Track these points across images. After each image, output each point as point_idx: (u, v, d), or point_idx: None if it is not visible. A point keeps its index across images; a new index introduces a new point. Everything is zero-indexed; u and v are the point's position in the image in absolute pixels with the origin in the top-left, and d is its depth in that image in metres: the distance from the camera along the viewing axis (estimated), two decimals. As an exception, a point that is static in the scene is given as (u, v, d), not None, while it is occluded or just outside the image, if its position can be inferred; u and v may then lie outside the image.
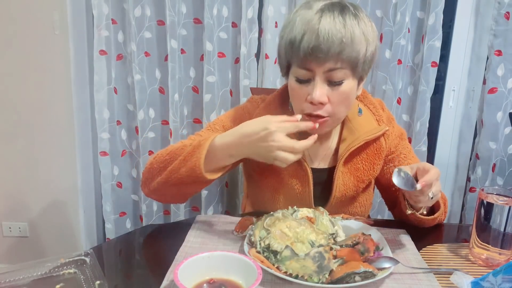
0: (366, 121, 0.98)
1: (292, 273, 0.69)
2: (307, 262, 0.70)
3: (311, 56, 0.80)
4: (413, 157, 1.04)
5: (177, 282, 0.59)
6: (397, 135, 1.03)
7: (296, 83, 0.86)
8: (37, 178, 1.83)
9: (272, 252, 0.73)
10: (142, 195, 1.74)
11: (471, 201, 1.67)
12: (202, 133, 0.99)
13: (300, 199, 0.98)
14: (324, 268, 0.69)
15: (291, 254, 0.71)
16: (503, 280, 0.62)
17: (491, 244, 0.79)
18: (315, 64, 0.81)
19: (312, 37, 0.79)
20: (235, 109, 1.04)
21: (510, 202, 0.78)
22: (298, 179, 0.97)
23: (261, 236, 0.77)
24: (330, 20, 0.79)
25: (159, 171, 0.88)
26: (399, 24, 1.50)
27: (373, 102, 1.02)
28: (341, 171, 0.97)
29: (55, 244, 1.91)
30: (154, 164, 0.90)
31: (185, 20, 1.60)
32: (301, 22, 0.81)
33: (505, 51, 1.50)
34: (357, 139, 0.96)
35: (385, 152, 1.00)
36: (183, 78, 1.66)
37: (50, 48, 1.68)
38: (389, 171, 1.02)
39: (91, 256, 0.74)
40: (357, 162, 0.98)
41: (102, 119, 1.67)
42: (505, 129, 1.57)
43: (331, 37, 0.78)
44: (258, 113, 0.96)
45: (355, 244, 0.80)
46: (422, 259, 0.81)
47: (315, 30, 0.79)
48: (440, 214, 0.92)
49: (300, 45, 0.80)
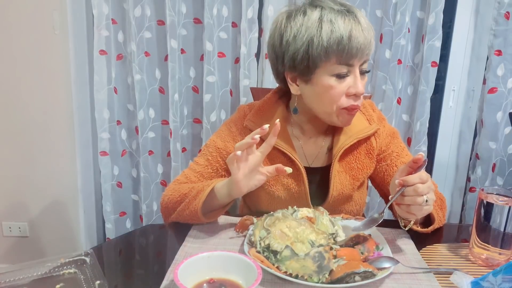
0: (358, 120, 1.00)
1: (292, 273, 0.69)
2: (307, 262, 0.69)
3: (359, 50, 0.84)
4: (407, 155, 1.05)
5: (177, 282, 0.59)
6: (388, 133, 1.04)
7: (336, 80, 0.88)
8: (37, 178, 1.83)
9: (272, 252, 0.73)
10: (142, 195, 1.74)
11: (471, 201, 1.67)
12: (199, 160, 1.02)
13: (297, 198, 1.00)
14: (324, 268, 0.69)
15: (291, 254, 0.71)
16: (503, 280, 0.62)
17: (491, 244, 0.79)
18: (358, 59, 0.86)
19: (359, 32, 0.84)
20: (223, 126, 1.06)
21: (510, 202, 0.78)
22: (293, 178, 0.99)
23: (261, 236, 0.77)
24: (363, 18, 0.86)
25: (172, 210, 0.94)
26: (399, 24, 1.50)
27: (363, 102, 1.04)
28: (337, 170, 0.99)
29: (55, 244, 1.91)
30: (169, 203, 0.95)
31: (185, 20, 1.60)
32: (339, 20, 0.84)
33: (505, 51, 1.50)
34: (349, 137, 0.98)
35: (376, 151, 1.02)
36: (183, 78, 1.66)
37: (50, 48, 1.68)
38: (382, 170, 1.04)
39: (91, 256, 0.74)
40: (350, 161, 1.01)
41: (102, 119, 1.67)
42: (505, 129, 1.57)
43: (370, 32, 0.86)
44: (249, 119, 1.00)
45: (355, 244, 0.80)
46: (422, 259, 0.81)
47: (358, 25, 0.84)
48: (437, 224, 0.91)
49: (350, 41, 0.83)
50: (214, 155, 1.00)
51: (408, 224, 0.86)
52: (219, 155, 1.00)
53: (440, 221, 0.93)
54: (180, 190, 0.93)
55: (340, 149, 0.97)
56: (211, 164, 1.00)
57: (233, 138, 1.01)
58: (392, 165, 1.03)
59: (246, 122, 1.00)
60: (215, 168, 1.00)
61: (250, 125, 1.00)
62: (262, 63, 1.59)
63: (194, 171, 1.00)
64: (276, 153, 0.98)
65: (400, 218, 0.87)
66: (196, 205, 0.85)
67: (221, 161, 1.00)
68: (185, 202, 0.88)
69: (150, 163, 1.73)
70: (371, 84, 1.62)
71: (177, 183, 0.99)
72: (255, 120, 1.00)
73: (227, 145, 1.00)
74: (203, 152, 1.03)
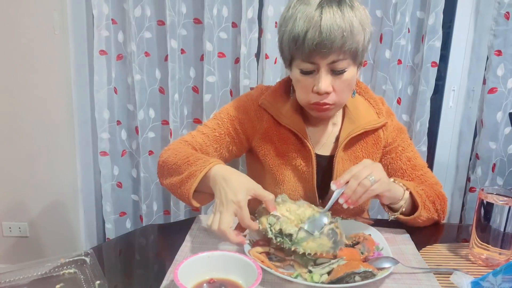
0: (367, 112, 1.03)
1: (310, 252, 0.71)
2: (323, 240, 0.71)
3: (315, 51, 0.84)
4: (412, 151, 1.07)
5: (177, 282, 0.59)
6: (395, 127, 1.07)
7: (301, 75, 0.90)
8: (37, 178, 1.83)
9: (286, 236, 0.74)
10: (142, 195, 1.74)
11: (471, 201, 1.66)
12: (209, 123, 1.04)
13: (304, 179, 1.02)
14: (339, 243, 0.71)
15: (306, 235, 0.72)
16: (503, 280, 0.62)
17: (491, 244, 0.80)
18: (319, 58, 0.85)
19: (316, 33, 0.82)
20: (240, 97, 1.09)
21: (510, 202, 0.78)
22: (303, 159, 1.01)
23: (270, 223, 0.77)
24: (331, 15, 0.82)
25: (167, 175, 0.94)
26: (399, 24, 1.50)
27: (374, 97, 1.07)
28: (341, 157, 1.01)
29: (55, 244, 1.91)
30: (164, 166, 0.95)
31: (185, 20, 1.60)
32: (303, 18, 0.84)
33: (505, 51, 1.50)
34: (357, 127, 1.00)
35: (383, 143, 1.04)
36: (183, 78, 1.66)
37: (50, 48, 1.68)
38: (386, 163, 1.06)
39: (91, 256, 0.74)
40: (356, 150, 1.03)
41: (102, 119, 1.67)
42: (505, 129, 1.57)
43: (333, 32, 0.82)
44: (264, 99, 1.03)
45: (355, 244, 0.80)
46: (422, 259, 0.81)
47: (318, 26, 0.82)
48: (419, 214, 0.92)
49: (304, 42, 0.83)
50: (224, 120, 1.03)
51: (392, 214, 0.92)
52: (229, 121, 1.03)
53: (428, 210, 0.94)
54: (177, 155, 0.93)
55: (346, 138, 1.00)
56: (220, 127, 1.02)
57: (247, 112, 1.04)
58: (397, 158, 1.05)
59: (261, 101, 1.03)
60: (222, 133, 1.02)
61: (265, 104, 1.03)
62: (262, 63, 1.59)
63: (201, 132, 1.03)
64: (288, 133, 1.01)
65: (389, 210, 0.93)
66: (188, 190, 0.85)
67: (230, 128, 1.03)
68: (178, 179, 0.88)
69: (150, 163, 1.73)
70: (371, 84, 1.62)
71: (180, 142, 1.00)
72: (270, 100, 1.03)
73: (239, 116, 1.04)
74: (214, 117, 1.06)
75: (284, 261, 0.76)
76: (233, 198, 0.76)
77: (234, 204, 0.76)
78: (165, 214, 1.82)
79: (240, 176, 0.82)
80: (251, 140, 1.05)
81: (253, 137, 1.05)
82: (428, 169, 1.07)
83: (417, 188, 0.95)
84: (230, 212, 0.76)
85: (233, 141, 1.04)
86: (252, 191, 0.79)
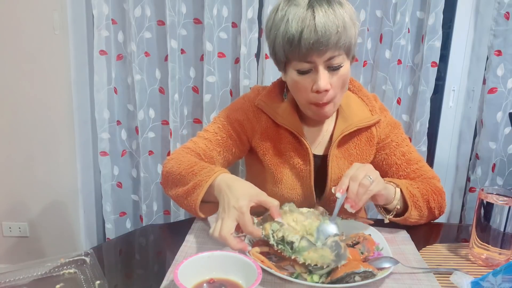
0: (360, 110, 1.04)
1: (310, 263, 0.69)
2: (325, 251, 0.70)
3: (312, 50, 0.84)
4: (407, 145, 1.07)
5: (177, 282, 0.59)
6: (389, 123, 1.07)
7: (299, 76, 0.91)
8: (37, 178, 1.83)
9: (287, 244, 0.73)
10: (142, 195, 1.74)
11: (471, 201, 1.66)
12: (209, 128, 1.05)
13: (302, 178, 1.02)
14: (342, 257, 0.69)
15: (308, 245, 0.71)
16: (503, 280, 0.62)
17: (491, 244, 0.80)
18: (316, 56, 0.86)
19: (311, 32, 0.83)
20: (237, 100, 1.11)
21: (510, 202, 0.78)
22: (300, 157, 1.02)
23: (273, 229, 0.77)
24: (323, 13, 0.84)
25: (172, 185, 0.94)
26: (399, 24, 1.50)
27: (367, 94, 1.08)
28: (335, 155, 1.02)
29: (55, 244, 1.91)
30: (168, 177, 0.95)
31: (185, 20, 1.60)
32: (295, 19, 0.85)
33: (505, 51, 1.50)
34: (350, 125, 1.01)
35: (376, 140, 1.05)
36: (183, 78, 1.66)
37: (50, 48, 1.68)
38: (381, 159, 1.07)
39: (91, 256, 0.74)
40: (349, 147, 1.04)
41: (102, 119, 1.67)
42: (505, 129, 1.57)
43: (328, 30, 0.84)
44: (260, 99, 1.04)
45: (355, 244, 0.80)
46: (422, 259, 0.81)
47: (312, 25, 0.83)
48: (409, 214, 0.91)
49: (300, 42, 0.84)
50: (225, 123, 1.04)
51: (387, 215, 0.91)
52: (229, 124, 1.04)
53: (419, 209, 0.93)
54: (181, 165, 0.92)
55: (339, 135, 1.01)
56: (221, 131, 1.03)
57: (246, 113, 1.05)
58: (391, 154, 1.05)
59: (257, 102, 1.04)
60: (224, 136, 1.03)
61: (261, 105, 1.04)
62: (262, 63, 1.59)
63: (203, 137, 1.03)
64: (285, 132, 1.02)
65: (384, 211, 0.93)
66: (194, 201, 0.85)
67: (231, 130, 1.04)
68: (184, 190, 0.88)
69: (150, 163, 1.73)
70: (371, 84, 1.62)
71: (183, 151, 1.00)
72: (266, 100, 1.04)
73: (238, 117, 1.05)
74: (214, 121, 1.07)
75: (284, 261, 0.76)
76: (235, 204, 0.75)
77: (236, 210, 0.75)
78: (165, 214, 1.82)
79: (244, 183, 0.82)
80: (252, 140, 1.06)
81: (253, 137, 1.05)
82: (425, 163, 1.07)
83: (410, 187, 0.93)
84: (231, 218, 0.75)
85: (235, 143, 1.04)
86: (256, 198, 0.78)
